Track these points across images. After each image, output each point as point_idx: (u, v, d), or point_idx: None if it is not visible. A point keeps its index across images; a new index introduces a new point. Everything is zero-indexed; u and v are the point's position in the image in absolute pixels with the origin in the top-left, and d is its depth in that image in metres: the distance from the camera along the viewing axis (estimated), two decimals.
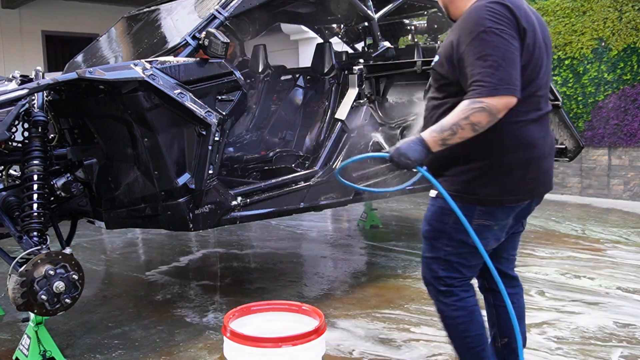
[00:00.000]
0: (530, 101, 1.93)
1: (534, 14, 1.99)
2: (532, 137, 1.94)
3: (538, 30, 1.96)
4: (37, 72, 3.06)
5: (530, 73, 1.91)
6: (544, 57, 1.98)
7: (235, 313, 1.92)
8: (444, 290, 2.08)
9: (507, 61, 1.79)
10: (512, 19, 1.84)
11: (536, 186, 2.01)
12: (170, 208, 3.05)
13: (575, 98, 7.46)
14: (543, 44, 1.98)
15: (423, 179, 2.01)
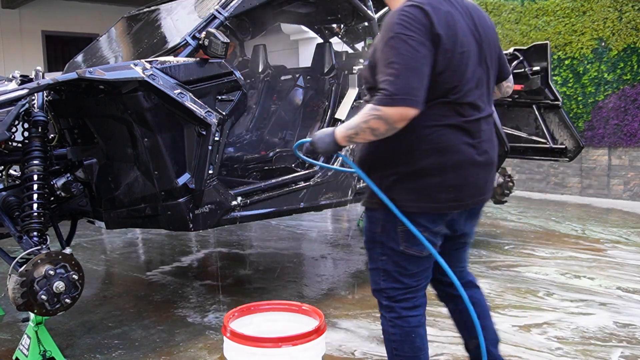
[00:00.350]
0: (451, 107, 1.87)
1: (467, 16, 1.91)
2: (450, 142, 1.87)
3: (468, 33, 1.89)
4: (37, 72, 3.06)
5: (448, 79, 1.84)
6: (473, 62, 1.89)
7: (235, 313, 1.92)
8: (386, 305, 2.04)
9: (409, 70, 1.75)
10: (426, 23, 1.78)
11: (461, 196, 1.91)
12: (170, 208, 3.05)
13: (575, 98, 7.46)
14: (475, 48, 1.90)
15: None
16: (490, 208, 6.70)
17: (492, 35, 2.00)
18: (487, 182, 2.00)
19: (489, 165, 1.97)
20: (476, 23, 1.93)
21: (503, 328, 3.15)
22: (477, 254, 4.70)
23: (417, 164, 1.89)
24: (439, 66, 1.81)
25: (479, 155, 1.92)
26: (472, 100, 1.89)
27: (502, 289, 3.82)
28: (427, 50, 1.77)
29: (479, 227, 5.67)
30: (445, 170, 1.88)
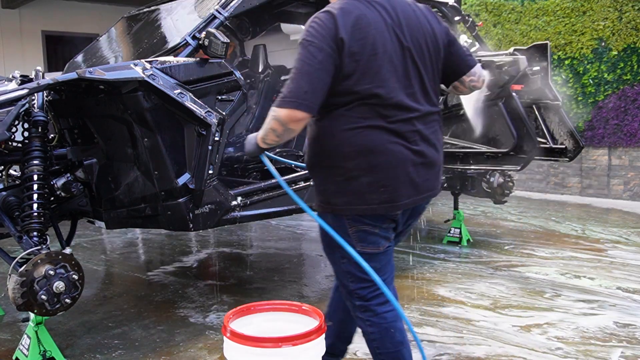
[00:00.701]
0: (371, 108, 1.88)
1: (391, 18, 1.92)
2: (374, 143, 1.88)
3: (386, 35, 1.89)
4: (37, 72, 3.06)
5: (359, 81, 1.85)
6: (393, 63, 1.89)
7: (235, 313, 1.91)
8: (359, 305, 2.04)
9: (302, 74, 1.81)
10: (331, 28, 1.82)
11: (395, 196, 1.91)
12: (170, 208, 3.05)
13: (575, 98, 7.46)
14: (396, 49, 1.90)
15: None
16: (490, 208, 6.71)
17: (426, 33, 1.98)
18: (428, 180, 1.98)
19: (427, 164, 1.96)
20: (402, 24, 1.93)
21: (503, 328, 3.16)
22: (477, 254, 4.70)
23: (344, 167, 1.91)
24: (346, 69, 1.84)
25: (412, 154, 1.92)
26: (397, 100, 1.89)
27: (502, 289, 3.82)
28: (327, 55, 1.81)
29: (479, 227, 5.69)
30: (373, 171, 1.89)
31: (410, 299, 3.63)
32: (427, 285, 3.92)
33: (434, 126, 2.00)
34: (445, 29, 2.08)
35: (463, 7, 8.26)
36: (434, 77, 2.01)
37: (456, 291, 3.78)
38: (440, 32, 2.04)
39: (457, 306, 3.50)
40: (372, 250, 1.99)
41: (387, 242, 2.01)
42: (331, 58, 1.82)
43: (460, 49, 2.12)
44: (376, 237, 1.98)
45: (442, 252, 4.81)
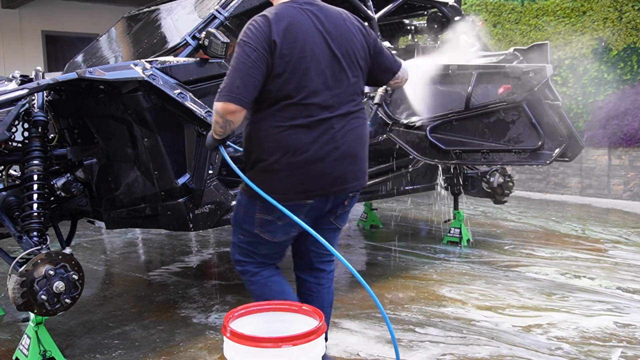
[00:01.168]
0: (294, 108, 2.06)
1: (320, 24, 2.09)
2: (295, 141, 2.07)
3: (314, 40, 2.06)
4: (37, 72, 3.06)
5: (288, 81, 2.03)
6: (319, 66, 2.06)
7: (235, 313, 1.91)
8: (240, 270, 2.32)
9: (236, 71, 2.00)
10: (266, 31, 2.01)
11: (311, 188, 2.10)
12: (170, 208, 3.05)
13: (575, 98, 7.46)
14: (324, 53, 2.07)
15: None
16: (490, 208, 6.71)
17: (354, 41, 2.16)
18: (347, 173, 2.15)
19: (345, 158, 2.13)
20: (332, 31, 2.10)
21: (503, 328, 3.16)
22: (478, 254, 4.70)
23: (267, 160, 2.11)
24: (276, 69, 2.02)
25: (332, 150, 2.09)
26: (320, 101, 2.07)
27: (502, 289, 3.82)
28: (260, 55, 2.00)
29: (479, 227, 5.69)
30: (295, 166, 2.08)
31: (411, 299, 3.63)
32: (428, 285, 3.92)
33: (356, 123, 2.18)
34: (374, 40, 2.26)
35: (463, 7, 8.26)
36: (359, 81, 2.20)
37: (457, 291, 3.78)
38: (368, 42, 2.22)
39: (458, 306, 3.50)
40: (267, 237, 2.23)
41: (284, 236, 2.23)
42: (264, 58, 2.00)
43: (386, 59, 2.32)
44: (276, 229, 2.20)
45: (442, 252, 4.81)
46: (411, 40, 5.81)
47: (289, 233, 2.24)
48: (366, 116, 2.30)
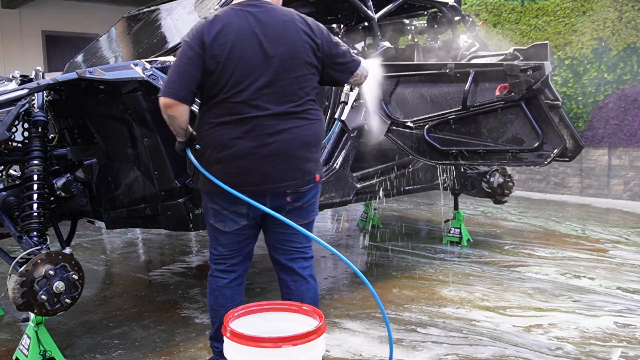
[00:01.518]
0: (224, 106, 2.19)
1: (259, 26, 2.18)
2: (222, 138, 2.20)
3: (248, 42, 2.16)
4: (37, 72, 3.06)
5: (218, 81, 2.17)
6: (250, 67, 2.16)
7: (235, 313, 1.91)
8: (210, 263, 2.48)
9: (174, 67, 2.18)
10: (202, 32, 2.17)
11: (241, 183, 2.21)
12: (170, 208, 3.05)
13: (575, 98, 7.46)
14: (257, 55, 2.16)
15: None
16: (490, 208, 6.71)
17: (295, 44, 2.21)
18: (279, 171, 2.22)
19: (276, 157, 2.21)
20: (268, 33, 2.19)
21: (504, 328, 3.16)
22: (478, 254, 4.70)
23: (204, 155, 2.27)
24: (208, 68, 2.16)
25: (258, 147, 2.19)
26: (247, 99, 2.17)
27: (503, 289, 3.82)
28: (195, 53, 2.15)
29: (479, 227, 5.69)
30: (223, 160, 2.21)
31: (412, 299, 3.63)
32: (428, 285, 3.92)
33: (296, 123, 2.24)
34: (325, 40, 2.30)
35: (463, 7, 8.26)
36: (302, 81, 2.24)
37: (457, 291, 3.78)
38: (316, 42, 2.26)
39: (459, 306, 3.50)
40: (220, 227, 2.35)
41: (235, 225, 2.32)
42: (198, 55, 2.15)
43: (342, 58, 2.36)
44: (225, 218, 2.32)
45: (442, 252, 4.81)
46: (411, 40, 5.82)
47: (238, 222, 2.32)
48: (317, 117, 2.33)
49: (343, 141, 3.85)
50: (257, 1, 2.26)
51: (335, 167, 3.75)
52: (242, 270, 2.46)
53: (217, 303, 2.44)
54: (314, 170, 2.32)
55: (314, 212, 2.43)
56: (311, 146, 2.30)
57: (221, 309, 2.41)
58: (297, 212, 2.35)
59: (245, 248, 2.44)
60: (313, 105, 2.31)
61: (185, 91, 2.16)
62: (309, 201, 2.37)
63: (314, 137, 2.31)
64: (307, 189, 2.32)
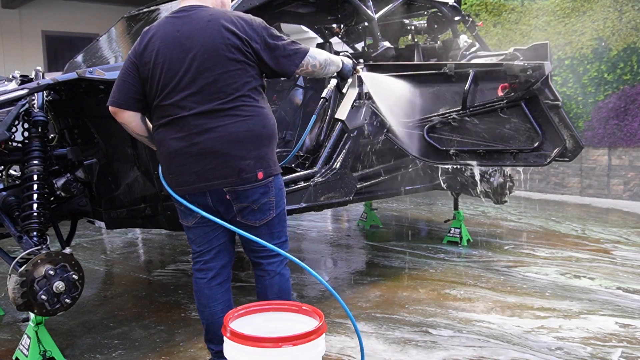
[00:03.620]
0: (160, 109, 2.27)
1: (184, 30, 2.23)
2: (161, 137, 2.29)
3: (172, 47, 2.22)
4: (37, 72, 3.06)
5: (151, 86, 2.26)
6: (173, 70, 2.21)
7: (235, 313, 1.91)
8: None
9: (117, 77, 2.33)
10: (137, 42, 2.31)
11: (180, 181, 2.29)
12: (170, 208, 3.05)
13: (575, 98, 7.46)
14: (178, 58, 2.21)
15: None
16: (490, 208, 6.71)
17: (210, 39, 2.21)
18: (208, 170, 2.24)
19: (206, 155, 2.23)
20: (187, 34, 2.23)
21: (504, 328, 3.16)
22: (478, 254, 4.70)
23: (157, 156, 2.39)
24: (142, 75, 2.27)
25: (188, 146, 2.23)
26: (175, 101, 2.23)
27: (503, 289, 3.82)
28: (130, 62, 2.29)
29: (479, 227, 5.69)
30: (164, 159, 2.32)
31: (411, 299, 3.63)
32: (428, 285, 3.92)
33: (226, 120, 2.23)
34: (259, 37, 2.29)
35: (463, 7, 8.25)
36: (228, 78, 2.23)
37: (457, 291, 3.78)
38: (241, 38, 2.24)
39: (458, 307, 3.50)
40: (185, 223, 2.44)
41: (193, 219, 2.38)
42: (133, 65, 2.28)
43: (282, 52, 2.34)
44: (183, 213, 2.41)
45: (442, 252, 4.81)
46: (411, 40, 5.82)
47: (195, 215, 2.36)
48: (253, 112, 2.27)
49: (343, 141, 3.85)
50: (189, 6, 2.30)
51: (336, 167, 3.75)
52: (218, 268, 2.45)
53: (200, 304, 2.48)
54: (254, 168, 2.26)
55: (269, 211, 2.36)
56: (245, 143, 2.24)
57: (205, 310, 2.46)
58: (249, 214, 2.33)
59: (213, 242, 2.42)
60: (246, 101, 2.26)
61: (124, 98, 2.28)
62: (258, 201, 2.31)
63: (246, 133, 2.25)
64: (247, 187, 2.26)
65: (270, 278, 2.45)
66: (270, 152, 2.34)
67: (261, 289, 2.48)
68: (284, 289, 2.47)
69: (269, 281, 2.46)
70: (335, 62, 2.66)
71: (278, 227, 2.43)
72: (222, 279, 2.47)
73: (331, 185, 3.73)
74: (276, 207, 2.39)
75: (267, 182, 2.31)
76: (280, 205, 2.41)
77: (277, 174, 2.38)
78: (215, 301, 2.45)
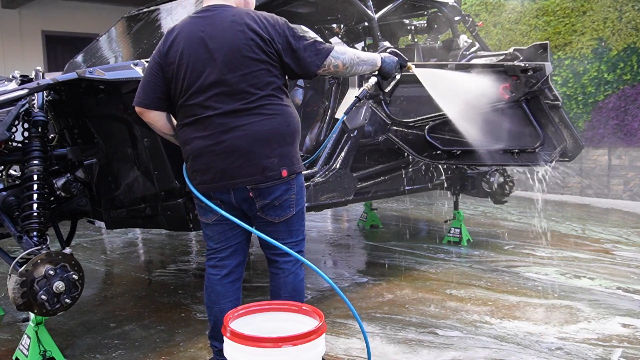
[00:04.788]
0: (185, 109, 2.29)
1: (207, 31, 2.23)
2: (187, 137, 2.31)
3: (196, 47, 2.23)
4: (37, 72, 3.06)
5: (176, 86, 2.28)
6: (197, 70, 2.22)
7: (235, 313, 1.91)
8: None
9: (142, 78, 2.36)
10: (161, 42, 2.32)
11: (205, 179, 2.30)
12: (170, 208, 3.05)
13: (575, 98, 7.46)
14: (203, 58, 2.22)
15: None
16: (490, 208, 6.71)
17: (233, 38, 2.22)
18: (235, 168, 2.26)
19: (231, 153, 2.25)
20: (211, 34, 2.23)
21: (504, 328, 3.16)
22: (478, 254, 4.70)
23: (183, 154, 2.40)
24: (167, 75, 2.28)
25: (213, 145, 2.25)
26: (200, 101, 2.24)
27: (502, 289, 3.82)
28: (155, 63, 2.31)
29: (479, 227, 5.68)
30: (189, 158, 2.33)
31: (412, 299, 3.63)
32: (428, 285, 3.92)
33: (250, 119, 2.25)
34: (282, 37, 2.28)
35: (463, 7, 8.25)
36: (250, 78, 2.24)
37: (457, 291, 3.78)
38: (262, 37, 2.24)
39: (458, 307, 3.50)
40: (203, 220, 2.45)
41: (214, 215, 2.38)
42: (157, 65, 2.30)
43: (304, 53, 2.32)
44: (204, 210, 2.40)
45: (442, 252, 4.81)
46: (411, 40, 5.82)
47: (215, 213, 2.36)
48: (277, 111, 2.29)
49: (343, 141, 3.85)
50: (213, 6, 2.31)
51: (336, 167, 3.75)
52: (232, 266, 2.46)
53: (210, 300, 2.48)
54: (278, 166, 2.28)
55: (290, 208, 2.38)
56: (269, 141, 2.26)
57: (214, 306, 2.46)
58: (269, 210, 2.34)
59: (231, 240, 2.44)
60: (271, 100, 2.28)
61: (150, 98, 2.31)
62: (280, 198, 2.33)
63: (271, 132, 2.26)
64: (270, 184, 2.29)
65: (284, 276, 2.46)
66: (294, 150, 2.36)
67: (275, 287, 2.48)
68: (297, 288, 2.48)
69: (283, 280, 2.46)
70: (369, 60, 2.59)
71: (297, 225, 2.44)
72: (234, 277, 2.48)
73: (331, 185, 3.73)
74: (296, 205, 2.40)
75: (289, 180, 2.33)
76: (300, 203, 2.42)
77: (300, 172, 2.39)
78: (225, 298, 2.45)
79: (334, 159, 3.78)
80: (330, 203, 3.80)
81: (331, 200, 3.78)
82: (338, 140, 3.83)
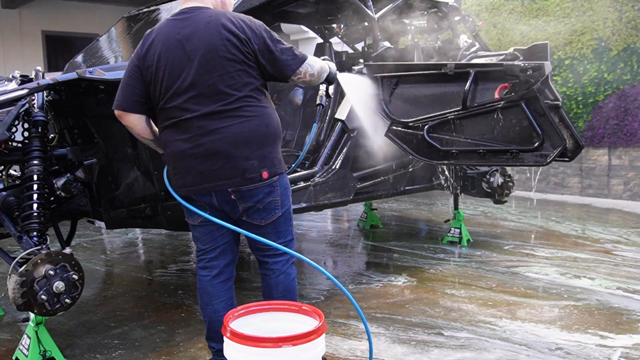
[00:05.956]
0: (165, 112, 2.28)
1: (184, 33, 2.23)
2: (167, 139, 2.31)
3: (174, 50, 2.23)
4: (37, 72, 3.06)
5: (154, 89, 2.27)
6: (176, 73, 2.22)
7: (235, 313, 1.91)
8: None
9: (122, 81, 2.34)
10: (139, 45, 2.33)
11: (186, 182, 2.30)
12: (170, 208, 3.05)
13: (575, 98, 7.46)
14: (180, 61, 2.22)
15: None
16: (490, 208, 6.71)
17: (209, 40, 2.21)
18: (214, 170, 2.25)
19: (211, 156, 2.24)
20: (188, 36, 2.23)
21: (504, 328, 3.16)
22: (478, 254, 4.70)
23: (164, 156, 2.41)
24: (146, 79, 2.28)
25: (193, 148, 2.24)
26: (178, 104, 2.24)
27: (503, 289, 3.82)
28: (134, 66, 2.31)
29: (479, 227, 5.68)
30: (170, 160, 2.34)
31: (412, 300, 3.63)
32: (427, 285, 3.92)
33: (228, 122, 2.24)
34: (259, 38, 2.26)
35: (463, 7, 8.25)
36: (224, 79, 2.22)
37: (457, 291, 3.78)
38: (240, 39, 2.23)
39: (458, 307, 3.50)
40: (191, 221, 2.44)
41: (200, 218, 2.36)
42: (136, 68, 2.30)
43: (280, 56, 2.31)
44: (190, 212, 2.39)
45: (442, 252, 4.81)
46: (411, 40, 5.81)
47: (198, 217, 2.36)
48: (256, 112, 2.27)
49: (343, 141, 3.85)
50: (190, 8, 2.31)
51: (335, 167, 3.75)
52: (222, 266, 2.46)
53: (202, 301, 2.48)
54: (258, 168, 2.27)
55: (275, 210, 2.36)
56: (248, 143, 2.25)
57: (207, 307, 2.46)
58: (254, 214, 2.34)
59: (218, 240, 2.43)
60: (249, 102, 2.26)
61: (128, 101, 2.30)
62: (263, 201, 2.32)
63: (250, 134, 2.25)
64: (251, 187, 2.27)
65: (275, 277, 2.47)
66: (275, 151, 2.34)
67: (266, 288, 2.50)
68: (289, 288, 2.49)
69: (274, 280, 2.47)
70: (325, 69, 2.61)
71: (284, 226, 2.43)
72: (225, 277, 2.48)
73: (331, 185, 3.73)
74: (282, 207, 2.39)
75: (271, 182, 2.32)
76: (285, 205, 2.41)
77: (281, 173, 2.37)
78: (217, 299, 2.46)
79: (334, 159, 3.78)
80: (330, 203, 3.80)
81: (331, 200, 3.78)
82: (338, 140, 3.83)
